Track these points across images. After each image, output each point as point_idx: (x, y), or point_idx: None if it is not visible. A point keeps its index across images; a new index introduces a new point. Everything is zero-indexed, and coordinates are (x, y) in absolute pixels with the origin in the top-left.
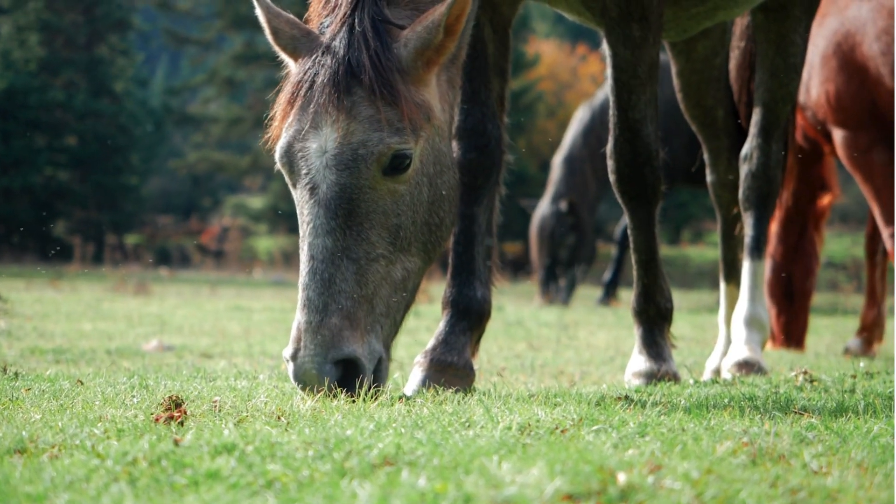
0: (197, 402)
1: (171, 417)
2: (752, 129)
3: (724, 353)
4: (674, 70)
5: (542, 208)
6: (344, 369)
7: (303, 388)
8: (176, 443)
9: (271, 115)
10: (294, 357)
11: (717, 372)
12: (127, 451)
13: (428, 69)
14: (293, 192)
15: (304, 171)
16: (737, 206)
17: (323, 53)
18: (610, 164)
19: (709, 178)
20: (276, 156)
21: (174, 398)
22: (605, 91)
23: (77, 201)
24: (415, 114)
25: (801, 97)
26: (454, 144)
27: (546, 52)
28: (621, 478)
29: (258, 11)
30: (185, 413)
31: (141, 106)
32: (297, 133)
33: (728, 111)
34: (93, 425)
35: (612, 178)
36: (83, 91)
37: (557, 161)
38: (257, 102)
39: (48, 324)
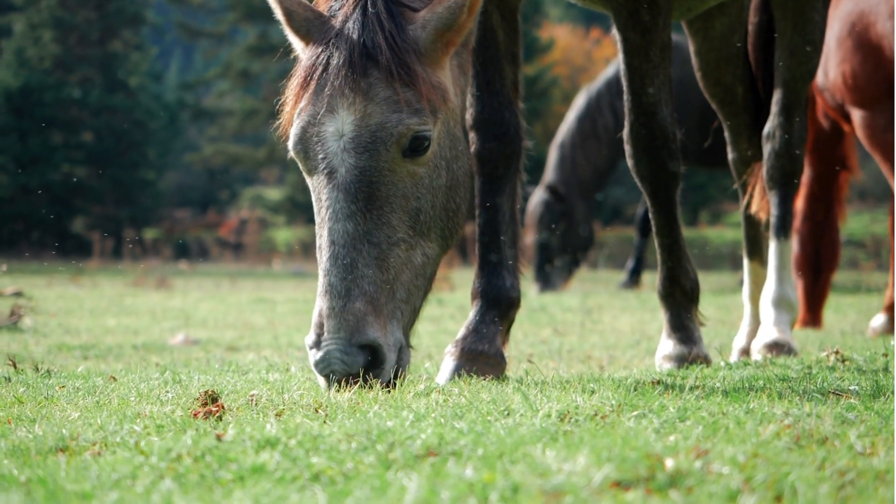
0: (232, 396)
1: (209, 412)
2: (774, 108)
3: (751, 332)
4: (692, 49)
5: (535, 195)
6: (367, 355)
7: (327, 377)
8: (218, 438)
9: (283, 100)
10: (318, 344)
11: (746, 352)
12: (170, 447)
13: (446, 51)
14: (308, 179)
15: (320, 156)
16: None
17: (337, 36)
18: (627, 148)
19: (730, 155)
20: (290, 143)
21: (210, 393)
22: (604, 76)
23: (95, 197)
24: (433, 94)
25: (820, 79)
26: (472, 135)
27: (560, 36)
28: (669, 463)
29: None
30: (223, 408)
31: (156, 100)
32: (312, 118)
33: (747, 88)
34: (132, 422)
35: (629, 162)
36: (98, 87)
37: (551, 147)
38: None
39: (73, 320)
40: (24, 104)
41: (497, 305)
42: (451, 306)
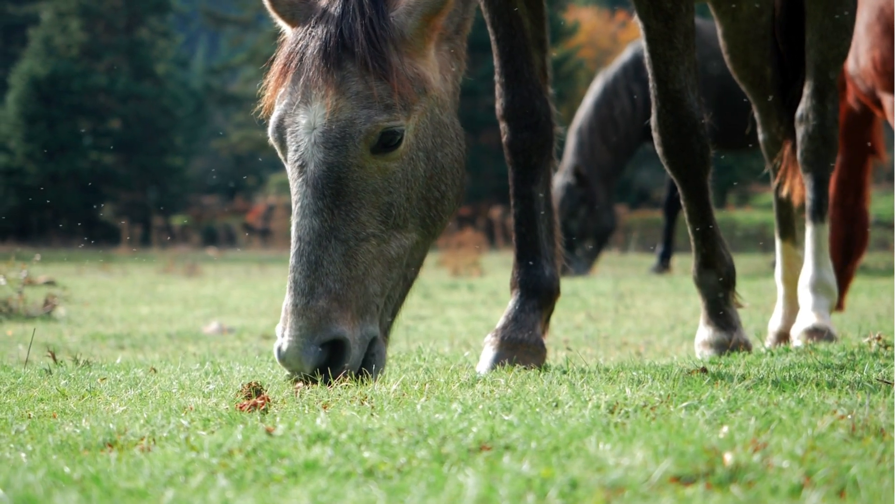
0: (274, 387)
1: (255, 405)
2: (806, 90)
3: (786, 315)
4: (719, 31)
5: (555, 181)
6: (332, 351)
7: (289, 370)
8: (269, 433)
9: (265, 84)
10: (280, 338)
11: (783, 335)
12: (221, 442)
13: (431, 36)
14: (286, 167)
15: (293, 148)
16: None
17: (316, 22)
18: (655, 136)
19: (760, 136)
20: (269, 130)
21: (253, 385)
22: (620, 60)
23: (123, 184)
24: (406, 89)
25: (851, 66)
26: (502, 125)
27: (585, 19)
28: (728, 458)
29: None
30: (268, 400)
31: (182, 87)
32: (289, 107)
33: (776, 69)
34: (178, 416)
35: (658, 150)
36: (125, 74)
37: (569, 133)
38: None
39: (105, 308)
40: (52, 92)
41: (536, 295)
42: (482, 292)
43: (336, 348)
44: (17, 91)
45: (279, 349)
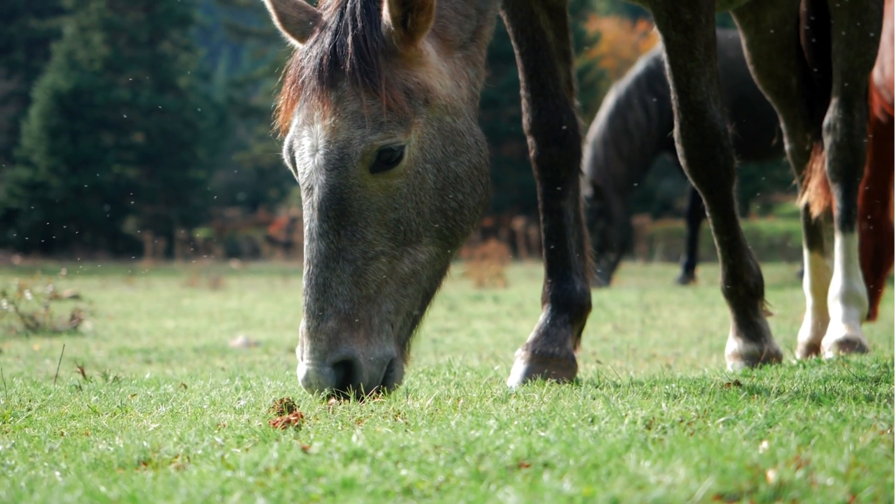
0: (306, 403)
1: (288, 422)
2: (833, 100)
3: (815, 325)
4: (743, 42)
5: None
6: (346, 370)
7: (313, 394)
8: (304, 450)
9: (277, 107)
10: (300, 360)
11: (813, 346)
12: (257, 461)
13: (413, 41)
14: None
15: (301, 171)
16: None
17: (314, 40)
18: (678, 149)
19: (787, 146)
20: (283, 152)
21: (285, 401)
22: (632, 72)
23: (146, 197)
24: (399, 103)
25: (876, 76)
26: (529, 140)
27: (606, 29)
28: (771, 475)
29: None
30: (301, 417)
31: (205, 100)
32: (297, 129)
33: (802, 78)
34: (212, 433)
35: (682, 162)
36: (148, 88)
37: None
38: None
39: (131, 322)
40: (75, 106)
41: (568, 309)
42: (508, 303)
43: (349, 367)
44: (40, 105)
45: (299, 373)
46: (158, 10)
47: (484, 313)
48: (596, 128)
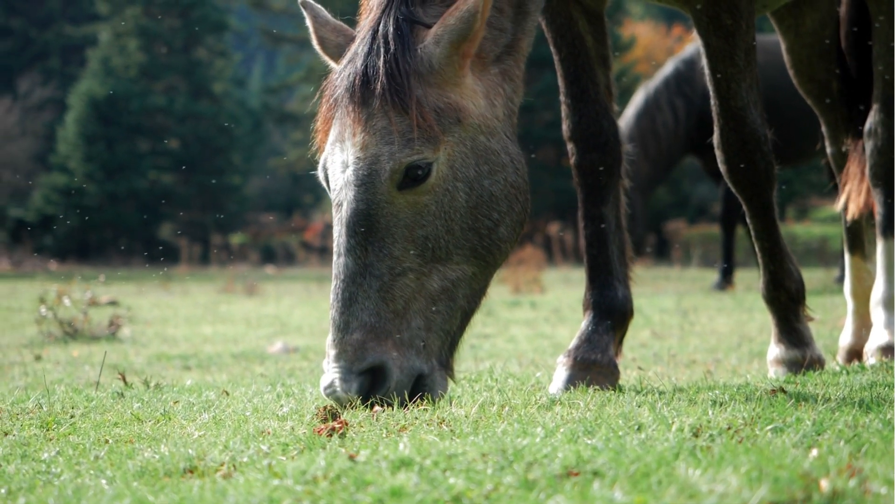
0: (349, 409)
1: (333, 430)
2: (874, 104)
3: (857, 330)
4: (783, 47)
5: None
6: (374, 378)
7: (335, 404)
8: (352, 459)
9: (315, 126)
10: (325, 370)
11: (855, 352)
12: (304, 469)
13: (463, 63)
14: None
15: (332, 186)
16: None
17: (349, 62)
18: (719, 154)
19: (828, 150)
20: (318, 170)
21: (329, 409)
22: (662, 73)
23: (181, 203)
24: (429, 121)
25: None
26: (570, 147)
27: (641, 33)
28: (824, 484)
29: (307, 20)
30: (346, 424)
31: (240, 106)
32: (330, 147)
33: (842, 82)
34: (256, 440)
35: (722, 168)
36: (183, 94)
37: None
38: None
39: (169, 328)
40: (110, 113)
41: (610, 316)
42: (545, 309)
43: (377, 375)
44: (76, 111)
45: (322, 382)
46: (194, 17)
47: (521, 319)
48: (622, 126)
